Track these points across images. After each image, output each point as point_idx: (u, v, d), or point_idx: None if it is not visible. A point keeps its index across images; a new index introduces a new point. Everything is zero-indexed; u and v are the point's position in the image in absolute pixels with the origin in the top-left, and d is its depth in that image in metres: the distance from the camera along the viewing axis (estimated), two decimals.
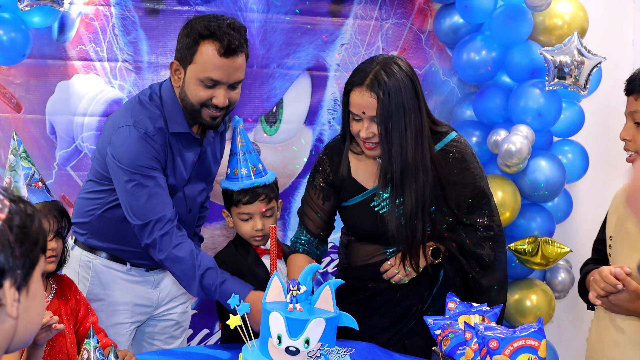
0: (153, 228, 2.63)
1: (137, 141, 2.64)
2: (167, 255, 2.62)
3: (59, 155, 3.60)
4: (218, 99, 2.64)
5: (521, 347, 2.13)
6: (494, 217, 2.79)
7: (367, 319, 2.81)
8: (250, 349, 2.17)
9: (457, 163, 2.73)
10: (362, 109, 2.60)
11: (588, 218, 4.30)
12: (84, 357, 2.01)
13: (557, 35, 3.78)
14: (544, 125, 3.77)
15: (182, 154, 2.77)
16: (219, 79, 2.62)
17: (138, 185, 2.64)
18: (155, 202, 2.64)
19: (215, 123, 2.72)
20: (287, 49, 3.88)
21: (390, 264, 2.76)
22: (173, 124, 2.72)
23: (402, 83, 2.57)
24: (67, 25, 3.56)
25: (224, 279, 2.60)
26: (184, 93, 2.69)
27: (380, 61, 2.62)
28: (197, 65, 2.62)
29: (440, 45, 4.12)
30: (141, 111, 2.71)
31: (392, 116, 2.57)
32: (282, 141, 3.93)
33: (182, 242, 2.63)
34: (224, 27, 2.60)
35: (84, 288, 2.87)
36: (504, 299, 2.86)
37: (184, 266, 2.61)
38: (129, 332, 2.94)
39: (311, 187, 2.82)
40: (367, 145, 2.66)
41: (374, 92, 2.56)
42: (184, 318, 3.11)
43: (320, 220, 2.80)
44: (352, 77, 2.65)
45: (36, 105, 3.57)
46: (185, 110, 2.72)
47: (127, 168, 2.65)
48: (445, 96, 4.17)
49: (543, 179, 3.77)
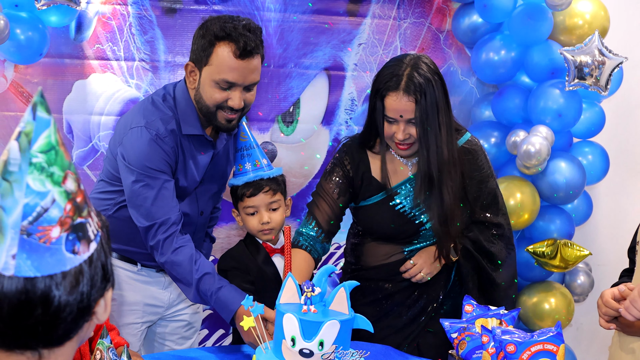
0: (157, 230, 2.62)
1: (147, 143, 2.62)
2: (167, 259, 2.61)
3: (75, 155, 3.61)
4: (233, 100, 2.61)
5: (539, 351, 2.10)
6: (504, 216, 2.84)
7: (381, 320, 2.81)
8: (264, 351, 2.15)
9: (473, 161, 2.78)
10: (399, 112, 2.60)
11: (608, 220, 4.25)
12: (97, 357, 2.00)
13: (578, 35, 3.74)
14: (564, 126, 3.72)
15: (194, 156, 2.75)
16: (235, 81, 2.59)
17: (145, 186, 2.63)
18: (161, 205, 2.62)
19: (231, 126, 2.69)
20: (304, 48, 3.86)
21: (413, 262, 2.76)
22: (186, 126, 2.70)
23: (433, 82, 2.59)
24: (84, 25, 3.57)
25: (221, 286, 2.57)
26: (199, 95, 2.66)
27: (408, 62, 2.62)
28: (213, 67, 2.60)
29: (459, 45, 4.08)
30: (153, 112, 2.68)
31: (429, 117, 2.58)
32: (298, 141, 3.91)
33: (182, 245, 2.61)
34: (239, 29, 2.57)
35: None
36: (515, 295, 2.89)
37: (182, 270, 2.60)
38: (140, 332, 2.93)
39: (326, 181, 2.81)
40: (400, 146, 2.67)
41: (411, 95, 2.57)
42: (195, 319, 3.10)
43: (331, 211, 2.79)
44: (384, 81, 2.63)
45: (53, 104, 3.57)
46: (200, 112, 2.69)
47: (136, 169, 2.63)
48: (463, 96, 4.13)
49: (563, 180, 3.73)
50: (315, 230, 2.78)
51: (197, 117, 2.71)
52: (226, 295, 2.55)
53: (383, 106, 2.63)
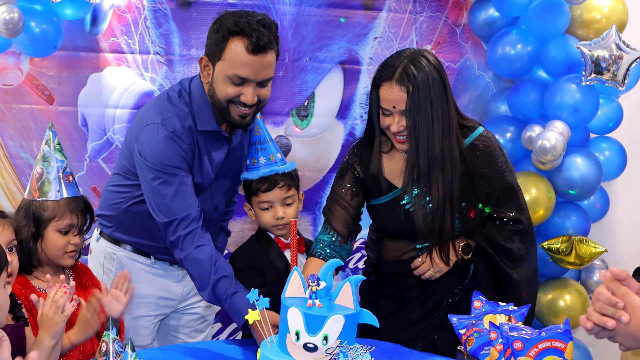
0: (177, 226, 2.61)
1: (164, 140, 2.62)
2: (187, 255, 2.60)
3: (90, 147, 3.62)
4: (246, 96, 2.60)
5: (547, 349, 2.08)
6: (523, 211, 2.78)
7: (397, 313, 2.82)
8: (269, 345, 2.15)
9: (485, 157, 2.72)
10: (392, 103, 2.59)
11: (625, 217, 4.20)
12: (103, 349, 2.01)
13: (595, 29, 3.70)
14: (580, 121, 3.68)
15: (209, 153, 2.74)
16: (247, 77, 2.58)
17: (164, 183, 2.62)
18: (180, 201, 2.62)
19: (245, 122, 2.68)
20: (320, 42, 3.84)
21: (422, 260, 2.75)
22: (201, 122, 2.69)
23: (430, 76, 2.57)
24: (99, 18, 3.58)
25: (237, 291, 2.57)
26: (212, 89, 2.65)
27: (407, 55, 2.62)
28: (226, 62, 2.58)
29: (475, 39, 4.05)
30: (170, 109, 2.68)
31: (420, 109, 2.56)
32: (313, 135, 3.90)
33: (204, 244, 2.61)
34: (253, 24, 2.56)
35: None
36: (535, 293, 2.84)
37: (201, 269, 2.59)
38: (152, 325, 2.94)
39: (338, 185, 2.80)
40: (398, 139, 2.65)
41: (403, 85, 2.56)
42: (208, 312, 3.10)
43: (348, 216, 2.78)
44: (380, 72, 2.64)
45: (68, 97, 3.60)
46: (213, 107, 2.69)
47: (153, 166, 2.63)
48: (480, 91, 4.10)
49: (578, 176, 3.69)
50: (332, 235, 2.77)
51: (212, 113, 2.70)
52: (240, 301, 2.54)
53: (378, 97, 2.63)
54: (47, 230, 2.47)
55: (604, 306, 1.81)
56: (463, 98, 4.01)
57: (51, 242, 2.47)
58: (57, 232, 2.48)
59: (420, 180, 2.66)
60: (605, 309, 1.81)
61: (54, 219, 2.47)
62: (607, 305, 1.80)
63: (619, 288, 1.80)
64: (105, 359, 2.01)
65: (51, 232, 2.47)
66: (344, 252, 2.78)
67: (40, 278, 2.49)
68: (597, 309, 1.82)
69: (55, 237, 2.47)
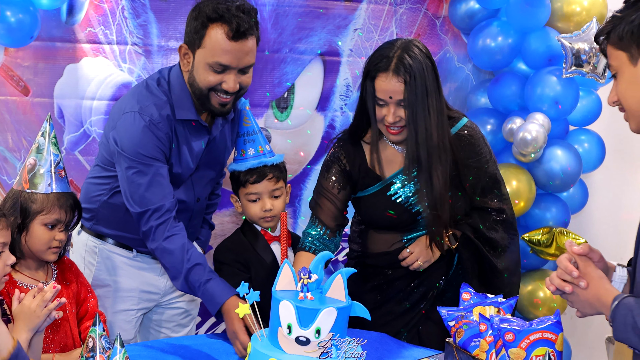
0: (150, 217, 2.60)
1: (141, 129, 2.59)
2: (158, 245, 2.59)
3: (67, 140, 3.56)
4: (228, 84, 2.57)
5: (538, 340, 2.08)
6: (505, 201, 2.82)
7: (383, 306, 2.82)
8: (260, 339, 2.12)
9: (470, 147, 2.75)
10: (389, 94, 2.59)
11: (604, 209, 4.24)
12: (90, 345, 1.97)
13: (576, 22, 3.71)
14: (561, 113, 3.70)
15: (188, 142, 2.71)
16: (229, 64, 2.55)
17: (139, 173, 2.60)
18: (154, 191, 2.60)
19: (225, 110, 2.65)
20: (300, 33, 3.81)
21: (410, 251, 2.74)
22: (180, 111, 2.66)
23: (424, 65, 2.59)
24: (76, 7, 3.51)
25: (210, 278, 2.56)
26: (192, 78, 2.62)
27: (400, 45, 2.62)
28: (206, 49, 2.55)
29: (455, 31, 4.04)
30: (148, 97, 2.65)
31: (418, 99, 2.58)
32: (293, 127, 3.87)
33: (175, 234, 2.60)
34: (232, 10, 2.53)
35: (89, 274, 2.83)
36: (518, 282, 2.88)
37: (173, 259, 2.59)
38: (135, 319, 2.90)
39: (324, 179, 2.79)
40: (391, 130, 2.65)
41: (400, 76, 2.57)
42: (192, 306, 3.07)
43: (335, 209, 2.77)
44: (374, 63, 2.63)
45: (44, 88, 3.53)
46: (193, 95, 2.66)
47: (129, 155, 2.60)
48: (459, 83, 4.10)
49: (559, 168, 3.71)
50: (320, 229, 2.76)
51: (191, 102, 2.67)
52: (214, 287, 2.54)
53: (373, 88, 2.62)
54: (33, 223, 2.41)
55: (563, 273, 1.99)
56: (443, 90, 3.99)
57: (36, 235, 2.42)
58: (44, 225, 2.43)
59: (421, 171, 2.66)
60: (565, 276, 1.99)
61: (42, 212, 2.42)
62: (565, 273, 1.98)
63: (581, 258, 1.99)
64: (92, 355, 1.97)
65: (37, 225, 2.42)
66: (333, 245, 2.77)
67: (24, 273, 2.44)
68: (558, 275, 2.01)
69: (40, 231, 2.42)
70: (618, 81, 1.95)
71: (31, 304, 2.17)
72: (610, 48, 1.95)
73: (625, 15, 1.90)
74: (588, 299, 1.96)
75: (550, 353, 2.06)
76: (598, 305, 1.95)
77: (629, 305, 1.86)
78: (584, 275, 1.96)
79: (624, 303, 1.87)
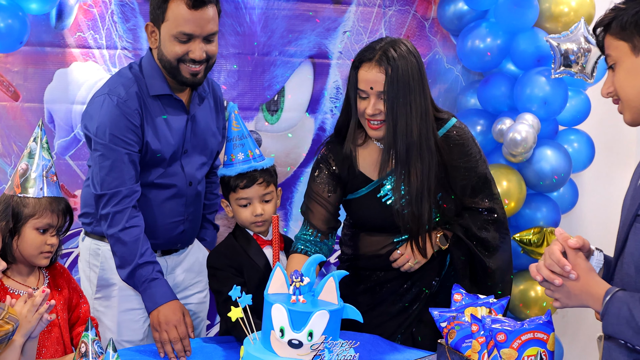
0: (108, 202, 2.67)
1: (110, 109, 2.67)
2: (114, 233, 2.66)
3: (57, 144, 3.56)
4: (194, 52, 2.66)
5: (530, 340, 2.09)
6: (496, 201, 2.82)
7: (376, 307, 2.82)
8: (252, 342, 2.13)
9: (459, 148, 2.75)
10: (370, 84, 2.60)
11: (594, 208, 4.25)
12: (82, 350, 1.97)
13: (564, 23, 3.73)
14: (550, 114, 3.72)
15: (166, 118, 2.77)
16: (192, 32, 2.65)
17: (102, 156, 2.67)
18: (114, 176, 2.66)
19: (197, 80, 2.73)
20: (289, 36, 3.82)
21: (400, 252, 2.75)
22: (153, 87, 2.75)
23: (409, 62, 2.60)
24: (65, 12, 3.51)
25: (156, 278, 2.64)
26: (160, 52, 2.72)
27: (388, 40, 2.65)
28: (169, 22, 2.66)
29: (444, 32, 4.06)
30: (116, 80, 2.76)
31: (399, 93, 2.58)
32: (283, 130, 3.88)
33: (133, 225, 2.66)
34: None
35: (94, 276, 2.87)
36: (510, 282, 2.87)
37: (125, 249, 2.65)
38: (142, 319, 2.88)
39: (314, 182, 2.79)
40: (371, 124, 2.66)
41: (382, 66, 2.58)
42: (200, 308, 3.07)
43: (327, 212, 2.76)
44: (360, 54, 2.67)
45: (34, 93, 3.52)
46: (165, 70, 2.74)
47: (97, 137, 2.68)
48: (449, 84, 4.11)
49: (549, 168, 3.72)
50: (311, 233, 2.75)
51: (163, 78, 2.76)
52: (158, 288, 2.62)
53: (356, 79, 2.65)
54: (25, 227, 2.41)
55: (553, 264, 1.94)
56: (432, 91, 3.93)
57: (28, 239, 2.42)
58: (35, 230, 2.43)
59: (398, 166, 2.66)
60: (554, 267, 1.94)
61: (34, 216, 2.42)
62: (555, 264, 1.93)
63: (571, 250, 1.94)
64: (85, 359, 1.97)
65: (29, 229, 2.42)
66: (326, 248, 2.76)
67: (15, 279, 2.43)
68: (547, 265, 1.95)
69: (32, 235, 2.42)
70: (616, 72, 1.96)
71: (22, 310, 2.17)
72: (609, 38, 1.97)
73: (628, 7, 1.93)
74: (574, 291, 1.93)
75: (542, 353, 2.07)
76: (585, 297, 1.92)
77: (623, 298, 1.85)
78: (573, 266, 1.92)
79: (617, 296, 1.86)
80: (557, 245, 1.96)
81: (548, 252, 1.97)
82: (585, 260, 1.95)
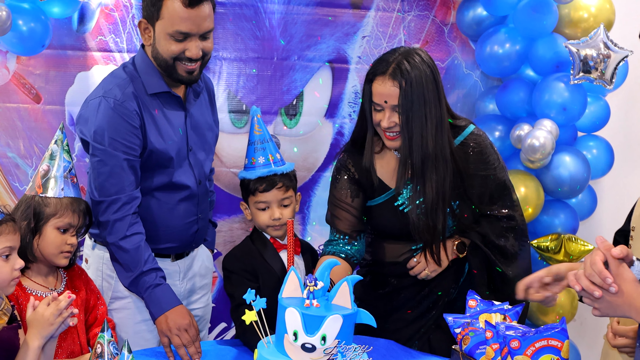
0: (107, 208, 2.62)
1: (107, 113, 2.61)
2: (114, 241, 2.63)
3: (77, 147, 3.58)
4: (191, 51, 2.61)
5: (543, 347, 2.09)
6: (515, 207, 2.80)
7: (393, 313, 2.82)
8: (266, 345, 2.14)
9: (477, 156, 2.74)
10: (384, 97, 2.60)
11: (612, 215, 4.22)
12: (98, 351, 1.99)
13: (583, 28, 3.71)
14: (569, 120, 3.70)
15: (165, 115, 2.73)
16: (188, 31, 2.59)
17: (100, 162, 2.62)
18: (113, 182, 2.62)
19: (193, 77, 2.69)
20: (308, 40, 3.84)
21: (417, 260, 2.75)
22: (150, 85, 2.69)
23: (423, 74, 2.59)
24: (87, 16, 3.55)
25: (160, 284, 2.62)
26: (155, 50, 2.66)
27: (402, 52, 2.63)
28: (165, 20, 2.60)
29: (463, 38, 4.05)
30: (111, 81, 2.70)
31: (414, 106, 2.57)
32: (302, 134, 3.89)
33: (134, 233, 2.63)
34: None
35: (109, 287, 2.82)
36: None
37: (127, 257, 2.62)
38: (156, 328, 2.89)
39: (336, 189, 2.80)
40: (387, 135, 2.66)
41: (396, 80, 2.57)
42: (206, 311, 3.07)
43: (352, 217, 2.77)
44: (374, 67, 2.65)
45: (55, 96, 3.56)
46: (160, 68, 2.69)
47: (95, 142, 2.62)
48: (467, 90, 4.10)
49: (567, 174, 3.71)
50: (339, 237, 2.76)
51: (159, 75, 2.71)
52: (163, 293, 2.60)
53: (370, 92, 2.64)
54: (46, 227, 2.45)
55: (594, 275, 1.84)
56: (451, 97, 4.01)
57: (49, 239, 2.45)
58: (56, 229, 2.46)
59: (414, 177, 2.66)
60: (594, 278, 1.84)
61: (55, 216, 2.46)
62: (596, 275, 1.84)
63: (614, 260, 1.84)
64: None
65: (50, 229, 2.46)
66: (355, 249, 2.76)
67: (34, 279, 2.47)
68: (587, 275, 1.86)
69: (53, 235, 2.46)
70: None
71: (45, 312, 2.19)
72: None
73: None
74: (618, 302, 1.84)
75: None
76: (628, 309, 1.83)
77: None
78: (615, 277, 1.82)
79: None
80: (599, 255, 1.85)
81: (589, 262, 1.86)
82: (629, 270, 1.85)
